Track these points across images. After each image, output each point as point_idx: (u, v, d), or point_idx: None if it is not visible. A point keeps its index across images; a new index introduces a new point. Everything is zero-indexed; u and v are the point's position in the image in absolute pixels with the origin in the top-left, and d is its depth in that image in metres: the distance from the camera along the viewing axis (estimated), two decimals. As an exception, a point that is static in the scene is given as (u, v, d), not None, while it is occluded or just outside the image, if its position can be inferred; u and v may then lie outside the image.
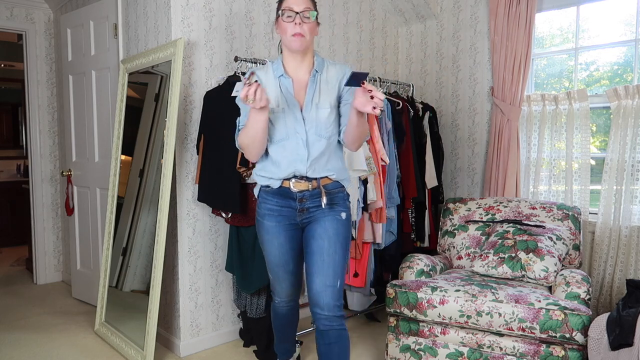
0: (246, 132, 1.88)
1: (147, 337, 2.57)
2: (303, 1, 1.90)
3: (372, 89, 1.67)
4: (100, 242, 3.47)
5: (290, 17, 1.86)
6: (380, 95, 1.67)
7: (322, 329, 1.93)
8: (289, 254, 2.03)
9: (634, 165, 2.95)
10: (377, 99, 1.67)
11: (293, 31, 1.86)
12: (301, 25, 1.86)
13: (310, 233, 1.98)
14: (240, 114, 2.02)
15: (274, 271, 2.07)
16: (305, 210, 1.97)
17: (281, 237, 2.00)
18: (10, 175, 6.30)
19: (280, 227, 1.99)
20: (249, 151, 1.93)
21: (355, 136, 1.89)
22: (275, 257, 2.03)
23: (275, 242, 2.00)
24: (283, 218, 1.99)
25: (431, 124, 3.56)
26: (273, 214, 1.99)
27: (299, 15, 1.86)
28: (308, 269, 1.97)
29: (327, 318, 1.91)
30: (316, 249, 1.94)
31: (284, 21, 1.88)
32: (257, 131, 1.84)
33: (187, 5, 2.75)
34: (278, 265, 2.04)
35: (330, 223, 1.96)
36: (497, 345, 2.33)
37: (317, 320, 1.94)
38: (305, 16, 1.87)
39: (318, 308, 1.92)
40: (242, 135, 1.92)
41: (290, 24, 1.87)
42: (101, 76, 3.41)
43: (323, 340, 1.94)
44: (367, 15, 3.82)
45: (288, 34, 1.88)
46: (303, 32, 1.87)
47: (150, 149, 2.90)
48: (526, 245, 2.63)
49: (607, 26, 3.19)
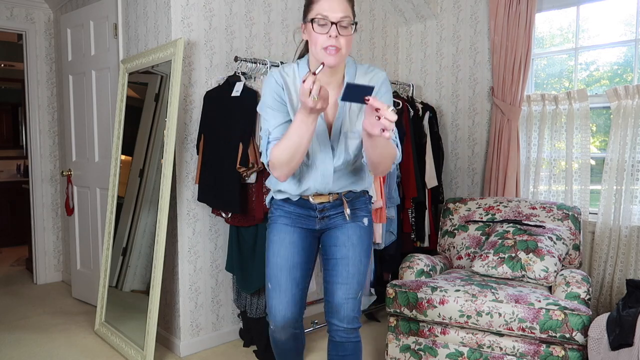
0: (288, 143, 1.53)
1: (147, 337, 2.57)
2: (341, 7, 1.55)
3: (380, 106, 1.35)
4: (100, 242, 3.47)
5: (324, 26, 1.54)
6: (391, 116, 1.35)
7: (338, 340, 1.80)
8: (299, 256, 1.77)
9: (634, 165, 2.95)
10: (384, 119, 1.35)
11: (327, 43, 1.53)
12: (337, 38, 1.53)
13: (331, 241, 1.80)
14: (266, 123, 1.66)
15: (276, 277, 1.76)
16: (326, 218, 1.79)
17: (295, 235, 1.78)
18: (10, 175, 6.30)
19: (296, 228, 1.78)
20: (287, 167, 1.59)
21: (374, 161, 1.58)
22: (281, 258, 1.75)
23: (286, 240, 1.77)
24: (300, 221, 1.79)
25: (431, 124, 3.57)
26: (290, 216, 1.79)
27: (335, 26, 1.53)
28: (330, 277, 1.79)
29: (345, 330, 1.78)
30: (341, 258, 1.76)
31: (316, 31, 1.55)
32: (303, 139, 1.51)
33: (187, 5, 2.75)
34: (282, 269, 1.75)
35: (354, 230, 1.79)
36: (497, 345, 2.33)
37: (334, 331, 1.80)
38: (343, 26, 1.54)
39: (337, 320, 1.78)
40: (281, 147, 1.55)
41: (324, 36, 1.54)
42: (101, 76, 3.41)
43: (337, 352, 1.81)
44: (367, 15, 3.82)
45: (319, 46, 1.55)
46: (339, 45, 1.54)
47: (150, 149, 2.90)
48: (526, 245, 2.63)
49: (607, 26, 3.19)
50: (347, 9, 1.56)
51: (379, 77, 1.69)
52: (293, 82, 1.67)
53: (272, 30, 3.14)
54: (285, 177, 1.63)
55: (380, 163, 1.58)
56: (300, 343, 1.91)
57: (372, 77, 1.68)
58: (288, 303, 1.76)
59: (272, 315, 1.79)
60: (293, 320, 1.78)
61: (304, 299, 1.82)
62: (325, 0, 1.55)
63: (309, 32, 1.58)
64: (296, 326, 1.82)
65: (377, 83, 1.66)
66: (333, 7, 1.53)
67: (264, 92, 1.68)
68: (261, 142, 1.69)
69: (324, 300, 1.83)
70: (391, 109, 1.35)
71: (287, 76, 1.67)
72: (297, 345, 1.89)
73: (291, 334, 1.82)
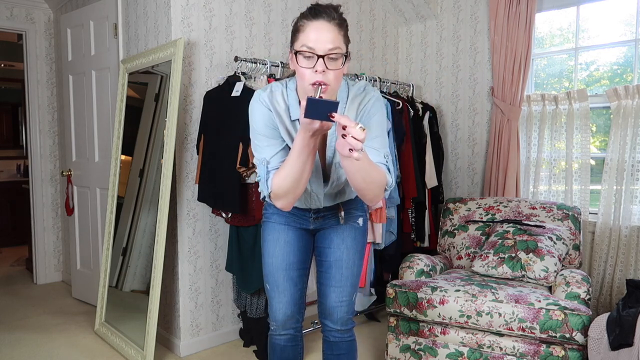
0: (291, 169, 1.40)
1: (147, 337, 2.57)
2: (330, 37, 1.38)
3: (346, 123, 1.21)
4: (100, 242, 3.47)
5: (310, 59, 1.38)
6: (358, 134, 1.20)
7: (332, 340, 1.81)
8: (294, 255, 1.74)
9: (634, 165, 2.95)
10: (350, 138, 1.21)
11: (313, 79, 1.38)
12: (325, 74, 1.37)
13: (325, 242, 1.76)
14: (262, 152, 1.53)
15: (273, 277, 1.74)
16: (321, 218, 1.76)
17: (289, 234, 1.74)
18: (10, 175, 6.30)
19: (290, 227, 1.75)
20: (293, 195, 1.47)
21: (358, 187, 1.42)
22: (277, 259, 1.73)
23: (281, 239, 1.73)
24: (294, 220, 1.76)
25: (431, 124, 3.57)
26: (283, 215, 1.75)
27: (322, 59, 1.37)
28: (323, 280, 1.77)
29: (339, 331, 1.79)
30: (334, 261, 1.74)
31: (301, 65, 1.40)
32: (306, 164, 1.39)
33: (187, 5, 2.75)
34: (279, 269, 1.73)
35: (348, 232, 1.75)
36: (497, 345, 2.33)
37: (328, 332, 1.81)
38: (332, 58, 1.38)
39: (330, 322, 1.78)
40: (284, 174, 1.43)
41: (310, 70, 1.38)
42: (101, 76, 3.41)
43: (332, 352, 1.82)
44: (367, 15, 3.82)
45: (306, 82, 1.40)
46: (327, 81, 1.38)
47: (150, 149, 2.90)
48: (526, 245, 2.63)
49: (607, 26, 3.19)
50: (336, 39, 1.40)
51: (369, 97, 1.55)
52: (283, 104, 1.55)
53: (272, 30, 3.14)
54: (290, 205, 1.51)
55: (366, 189, 1.43)
56: (298, 352, 1.88)
57: (362, 99, 1.55)
58: (288, 302, 1.76)
59: (273, 314, 1.79)
60: (294, 318, 1.78)
61: (303, 297, 1.81)
62: (313, 29, 1.39)
63: (294, 64, 1.44)
64: (296, 326, 1.82)
65: (369, 104, 1.54)
66: (320, 38, 1.37)
67: (252, 118, 1.55)
68: (257, 171, 1.56)
69: (318, 301, 1.83)
70: (359, 126, 1.21)
71: (275, 99, 1.55)
72: (295, 354, 1.86)
73: (291, 338, 1.82)
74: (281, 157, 1.52)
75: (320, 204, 1.70)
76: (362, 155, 1.29)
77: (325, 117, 1.21)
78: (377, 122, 1.54)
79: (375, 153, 1.50)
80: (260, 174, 1.53)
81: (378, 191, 1.46)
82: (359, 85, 1.59)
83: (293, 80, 1.57)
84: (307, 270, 1.82)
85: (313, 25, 1.40)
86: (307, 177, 1.44)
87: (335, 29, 1.41)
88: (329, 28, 1.40)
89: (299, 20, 1.45)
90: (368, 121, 1.53)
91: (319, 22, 1.40)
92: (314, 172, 1.57)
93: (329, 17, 1.41)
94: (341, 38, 1.42)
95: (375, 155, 1.49)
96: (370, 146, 1.50)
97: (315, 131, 1.31)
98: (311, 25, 1.41)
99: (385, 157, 1.51)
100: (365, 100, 1.55)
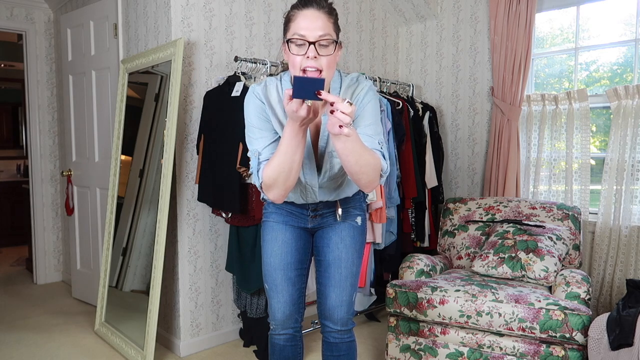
0: (280, 159, 1.42)
1: (147, 337, 2.57)
2: (320, 24, 1.42)
3: (333, 100, 1.25)
4: (100, 242, 3.47)
5: (301, 46, 1.42)
6: (345, 107, 1.24)
7: (332, 341, 1.80)
8: (292, 255, 1.74)
9: (634, 165, 2.95)
10: (339, 112, 1.24)
11: (305, 64, 1.41)
12: (317, 59, 1.41)
13: (324, 241, 1.76)
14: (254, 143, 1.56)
15: (272, 277, 1.75)
16: (319, 216, 1.75)
17: (287, 234, 1.74)
18: (10, 175, 6.30)
19: (288, 226, 1.75)
20: (284, 186, 1.48)
21: (352, 170, 1.43)
22: (275, 258, 1.73)
23: (279, 238, 1.74)
24: (292, 219, 1.76)
25: (431, 124, 3.57)
26: (282, 213, 1.76)
27: (313, 45, 1.41)
28: (322, 280, 1.76)
29: (339, 332, 1.78)
30: (333, 260, 1.73)
31: (293, 52, 1.43)
32: (296, 155, 1.41)
33: (187, 5, 2.75)
34: (277, 269, 1.73)
35: (347, 231, 1.75)
36: (497, 345, 2.33)
37: (328, 333, 1.80)
38: (323, 45, 1.42)
39: (331, 322, 1.77)
40: (274, 165, 1.45)
41: (301, 57, 1.42)
42: (101, 76, 3.41)
43: (331, 352, 1.81)
44: (367, 15, 3.82)
45: (297, 68, 1.43)
46: (319, 66, 1.42)
47: (150, 149, 2.90)
48: (526, 245, 2.63)
49: (607, 26, 3.19)
50: (326, 26, 1.43)
51: (362, 87, 1.58)
52: (277, 97, 1.58)
53: (272, 30, 3.14)
54: (282, 197, 1.53)
55: (360, 173, 1.43)
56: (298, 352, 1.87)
57: (355, 89, 1.58)
58: (286, 302, 1.76)
59: (272, 313, 1.79)
60: (292, 317, 1.79)
61: (302, 297, 1.81)
62: (303, 17, 1.43)
63: (287, 53, 1.46)
64: (296, 326, 1.82)
65: (362, 94, 1.56)
66: (311, 25, 1.41)
67: (246, 111, 1.58)
68: (250, 163, 1.58)
69: (317, 301, 1.83)
70: (346, 101, 1.25)
71: (268, 92, 1.58)
72: (295, 354, 1.86)
73: (290, 338, 1.82)
74: (273, 149, 1.54)
75: (316, 197, 1.69)
76: (353, 133, 1.33)
77: (313, 95, 1.23)
78: (370, 111, 1.57)
79: (369, 140, 1.52)
80: (253, 165, 1.55)
81: (373, 175, 1.46)
82: (352, 76, 1.62)
83: (287, 74, 1.61)
84: (305, 270, 1.82)
85: (303, 14, 1.45)
86: (297, 167, 1.45)
87: (325, 16, 1.46)
88: (318, 16, 1.44)
89: (290, 11, 1.50)
90: (361, 110, 1.55)
91: (309, 10, 1.45)
92: (308, 162, 1.60)
93: (318, 6, 1.46)
94: (331, 25, 1.46)
95: (369, 141, 1.51)
96: (364, 133, 1.52)
97: (303, 120, 1.33)
98: (301, 14, 1.45)
99: (380, 143, 1.53)
100: (358, 90, 1.58)
